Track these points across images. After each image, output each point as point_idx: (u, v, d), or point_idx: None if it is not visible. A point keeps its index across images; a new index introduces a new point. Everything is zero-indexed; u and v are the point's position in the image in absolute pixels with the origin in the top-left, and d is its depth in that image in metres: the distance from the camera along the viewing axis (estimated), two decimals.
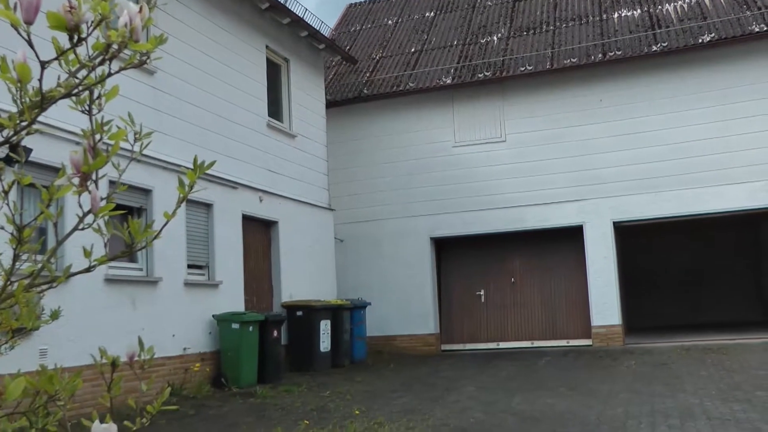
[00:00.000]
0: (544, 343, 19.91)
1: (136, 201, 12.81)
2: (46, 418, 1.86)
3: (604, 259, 19.11)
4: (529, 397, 11.74)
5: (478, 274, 20.98)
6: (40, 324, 2.38)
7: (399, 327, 20.53)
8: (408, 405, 11.52)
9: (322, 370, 16.49)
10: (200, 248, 14.60)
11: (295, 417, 10.74)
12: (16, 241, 1.84)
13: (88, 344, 10.70)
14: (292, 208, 18.03)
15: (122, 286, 12.26)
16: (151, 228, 1.89)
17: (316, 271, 19.09)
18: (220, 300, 14.77)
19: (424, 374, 15.71)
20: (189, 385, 13.30)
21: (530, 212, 19.78)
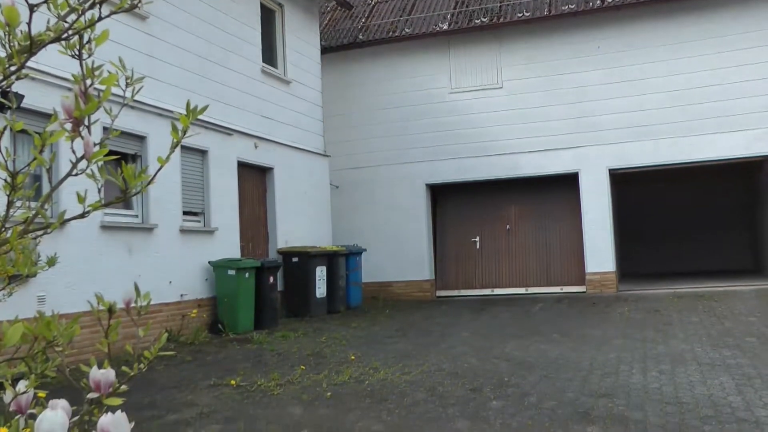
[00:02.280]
0: (539, 290, 20.03)
1: (131, 147, 12.76)
2: (44, 364, 1.87)
3: (599, 207, 19.15)
4: (523, 343, 11.85)
5: (474, 220, 21.02)
6: (37, 270, 2.38)
7: (394, 273, 20.63)
8: (403, 350, 11.62)
9: (318, 316, 16.60)
10: (196, 195, 14.58)
11: (292, 362, 10.83)
12: (9, 187, 1.83)
13: (85, 291, 10.75)
14: (288, 155, 17.99)
15: (118, 233, 12.26)
16: (146, 173, 1.89)
17: (312, 217, 19.11)
18: (216, 247, 14.80)
19: (419, 320, 15.82)
20: (186, 331, 13.39)
21: (526, 159, 19.76)
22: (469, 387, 8.60)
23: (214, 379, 9.62)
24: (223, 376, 9.77)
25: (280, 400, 8.31)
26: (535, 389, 8.30)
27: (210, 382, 9.47)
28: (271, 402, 8.25)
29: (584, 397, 7.77)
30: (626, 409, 7.20)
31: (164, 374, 10.13)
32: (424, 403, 7.89)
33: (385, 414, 7.50)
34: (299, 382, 9.33)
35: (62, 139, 1.76)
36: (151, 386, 9.13)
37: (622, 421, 6.71)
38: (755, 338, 11.18)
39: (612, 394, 7.84)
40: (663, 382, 8.36)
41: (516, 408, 7.46)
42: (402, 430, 6.82)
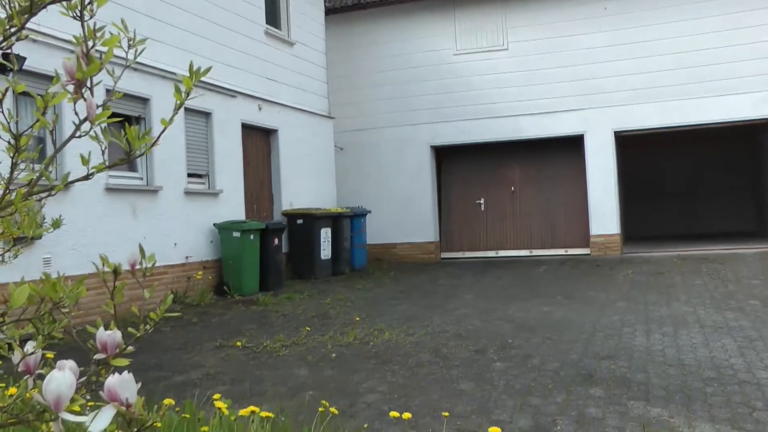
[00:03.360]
0: (543, 252, 20.05)
1: (134, 110, 12.73)
2: (51, 325, 1.89)
3: (604, 169, 19.09)
4: (527, 305, 11.89)
5: (478, 182, 21.00)
6: (42, 233, 2.38)
7: (399, 235, 20.66)
8: (407, 312, 11.68)
9: (323, 278, 16.66)
10: (200, 157, 14.58)
11: (297, 324, 10.89)
12: (13, 149, 1.83)
13: (90, 253, 10.80)
14: (292, 117, 17.94)
15: (123, 195, 12.28)
16: (149, 135, 1.88)
17: (317, 179, 19.11)
18: (220, 209, 14.82)
19: (424, 282, 15.87)
20: (192, 293, 13.45)
21: (531, 121, 19.67)
22: (473, 348, 8.65)
23: (220, 341, 9.69)
24: (228, 338, 9.84)
25: (286, 362, 8.37)
26: (538, 351, 8.35)
27: (216, 344, 9.53)
28: (277, 363, 8.31)
29: (587, 359, 7.81)
30: (629, 371, 7.24)
31: (170, 336, 10.19)
32: (428, 365, 7.94)
33: (390, 375, 7.55)
34: (304, 343, 9.38)
35: (65, 101, 1.76)
36: (158, 348, 9.20)
37: (624, 383, 6.76)
38: (758, 301, 11.21)
39: (615, 356, 7.88)
40: (666, 345, 8.39)
41: (519, 370, 7.51)
42: (407, 391, 6.87)
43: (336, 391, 6.94)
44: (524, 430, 5.52)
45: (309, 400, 6.45)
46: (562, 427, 5.56)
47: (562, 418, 5.76)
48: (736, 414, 5.73)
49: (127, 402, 1.58)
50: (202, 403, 5.64)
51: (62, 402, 1.54)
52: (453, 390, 6.84)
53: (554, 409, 6.04)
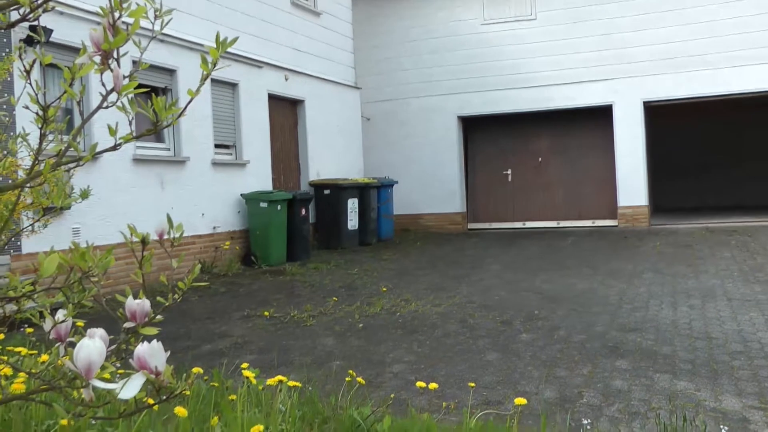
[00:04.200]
0: (570, 224, 19.96)
1: (161, 81, 12.77)
2: (81, 294, 1.91)
3: (633, 140, 18.91)
4: (553, 276, 11.86)
5: (506, 153, 20.90)
6: (71, 203, 2.41)
7: (426, 205, 20.63)
8: (434, 283, 11.69)
9: (350, 248, 16.70)
10: (227, 128, 14.61)
11: (324, 294, 10.94)
12: (41, 120, 1.85)
13: (118, 223, 10.89)
14: (318, 87, 17.92)
15: (150, 166, 12.35)
16: (176, 106, 1.89)
17: (343, 149, 19.10)
18: (248, 179, 14.87)
19: (450, 252, 15.87)
20: (219, 263, 13.55)
21: (559, 91, 19.50)
22: (499, 319, 8.66)
23: (248, 310, 9.76)
24: (256, 308, 9.91)
25: (313, 331, 8.42)
26: (564, 323, 8.34)
27: (243, 313, 9.60)
28: (304, 333, 8.36)
29: (613, 332, 7.79)
30: (655, 343, 7.21)
31: (198, 305, 10.28)
32: (454, 335, 7.96)
33: (416, 345, 7.58)
34: (331, 313, 9.43)
35: (92, 73, 1.77)
36: (186, 317, 9.29)
37: (651, 356, 6.73)
38: None
39: (641, 329, 7.85)
40: (693, 317, 8.35)
41: (545, 341, 7.51)
42: (433, 362, 6.89)
43: (363, 361, 6.98)
44: (550, 401, 5.53)
45: (336, 370, 6.50)
46: (588, 399, 5.56)
47: (588, 390, 5.76)
48: (764, 388, 5.71)
49: (157, 370, 1.60)
50: (230, 372, 5.69)
51: (93, 369, 1.57)
52: (479, 361, 6.86)
53: (580, 381, 6.04)
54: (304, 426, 4.07)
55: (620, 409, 5.29)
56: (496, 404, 5.47)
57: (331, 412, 4.42)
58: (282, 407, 3.84)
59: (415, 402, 5.42)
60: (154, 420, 3.58)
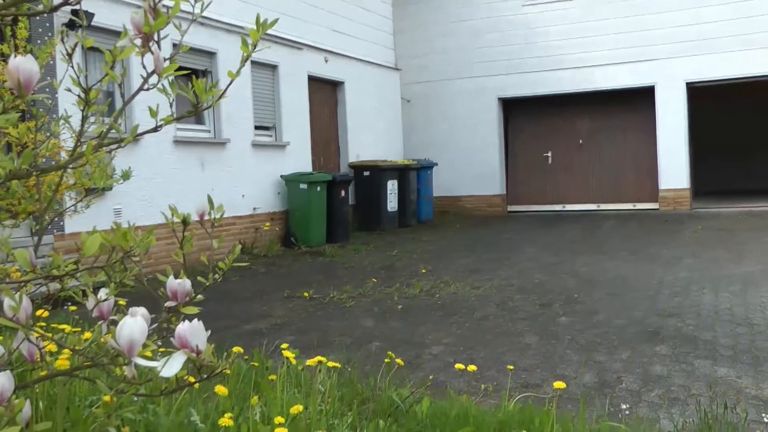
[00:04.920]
0: (609, 207, 19.78)
1: (201, 64, 12.85)
2: (123, 273, 1.94)
3: (675, 121, 18.63)
4: (592, 259, 11.78)
5: (546, 135, 20.73)
6: (112, 184, 2.44)
7: (465, 188, 20.56)
8: (473, 265, 11.68)
9: (389, 230, 16.72)
10: (267, 109, 14.68)
11: (363, 275, 10.98)
12: (83, 102, 1.87)
13: (159, 204, 11.00)
14: (358, 68, 17.91)
15: (191, 148, 12.45)
16: (216, 88, 1.91)
17: (383, 131, 19.10)
18: (287, 161, 14.93)
19: (489, 235, 15.83)
20: (259, 244, 13.64)
21: (601, 72, 19.26)
22: (537, 302, 8.63)
23: (288, 291, 9.82)
24: (296, 288, 9.96)
25: (352, 313, 8.45)
26: (603, 307, 8.28)
27: (283, 294, 9.67)
28: (344, 314, 8.40)
29: (653, 316, 7.72)
30: (695, 329, 7.13)
31: (238, 286, 10.36)
32: (493, 318, 7.95)
33: (455, 327, 7.58)
34: (371, 294, 9.46)
35: (133, 56, 1.79)
36: (227, 297, 9.37)
37: (691, 341, 6.67)
38: None
39: (681, 314, 7.77)
40: (734, 303, 8.24)
41: (584, 325, 7.47)
42: (472, 344, 6.89)
43: (402, 342, 7.00)
44: (589, 386, 5.50)
45: (375, 351, 6.53)
46: (627, 384, 5.53)
47: (627, 376, 5.72)
48: None
49: (198, 349, 1.63)
50: (270, 352, 5.74)
51: (135, 347, 1.59)
52: (518, 343, 6.85)
53: (619, 366, 6.01)
54: (343, 407, 4.10)
55: (660, 395, 5.25)
56: (534, 387, 5.46)
57: (370, 393, 4.44)
58: (321, 388, 3.87)
59: (453, 384, 5.43)
60: (194, 398, 3.62)
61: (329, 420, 3.59)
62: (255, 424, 3.17)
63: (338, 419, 3.65)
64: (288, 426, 2.99)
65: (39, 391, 3.11)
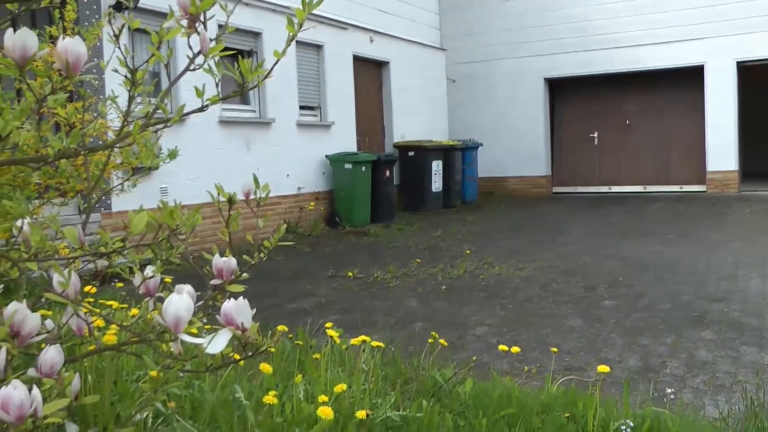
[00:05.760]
0: (656, 188, 19.53)
1: (246, 44, 12.90)
2: (169, 251, 1.96)
3: (724, 102, 18.27)
4: (638, 242, 11.67)
5: (592, 116, 20.51)
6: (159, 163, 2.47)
7: (510, 168, 20.44)
8: (517, 246, 11.63)
9: (434, 211, 16.70)
10: (312, 90, 14.70)
11: (407, 255, 10.99)
12: (130, 83, 1.89)
13: (205, 183, 11.08)
14: (404, 48, 17.86)
15: (236, 128, 12.52)
16: (262, 68, 1.91)
17: (428, 111, 19.04)
18: (332, 141, 14.96)
19: (534, 216, 15.75)
20: (304, 223, 13.71)
21: (649, 52, 18.95)
22: (582, 285, 8.58)
23: (332, 271, 9.87)
24: (340, 268, 10.01)
25: (396, 293, 8.48)
26: (648, 290, 8.21)
27: (328, 273, 9.72)
28: (387, 294, 8.43)
29: (699, 301, 7.63)
30: (742, 314, 7.04)
31: (283, 265, 10.44)
32: (537, 300, 7.93)
33: (499, 309, 7.57)
34: (415, 275, 9.48)
35: (179, 36, 1.80)
36: (271, 276, 9.44)
37: (737, 327, 6.58)
38: None
39: (728, 299, 7.67)
40: None
41: (629, 308, 7.41)
42: (515, 325, 6.88)
43: (445, 322, 7.01)
44: (633, 370, 5.47)
45: (418, 331, 6.54)
46: (672, 369, 5.48)
47: (672, 360, 5.67)
48: None
49: (243, 327, 1.64)
50: (314, 331, 5.78)
51: (181, 324, 1.62)
52: (562, 326, 6.82)
53: (664, 350, 5.95)
54: (387, 386, 4.12)
55: (705, 381, 5.20)
56: (578, 370, 5.43)
57: (413, 373, 4.45)
58: (365, 367, 3.89)
59: (496, 365, 5.43)
60: (239, 375, 3.66)
61: (372, 399, 3.61)
62: (299, 403, 3.20)
63: (381, 398, 3.67)
64: (331, 404, 3.01)
65: (87, 365, 3.17)
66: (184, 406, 3.16)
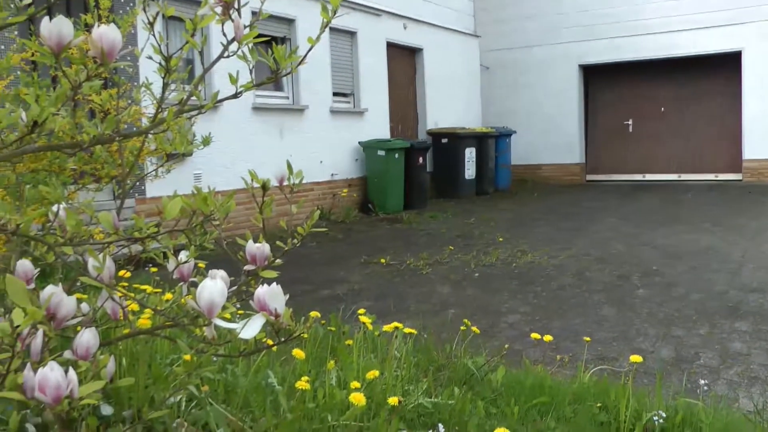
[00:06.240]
0: (691, 177, 19.33)
1: (280, 31, 12.92)
2: (203, 237, 1.98)
3: (762, 89, 17.97)
4: (672, 231, 11.55)
5: (627, 103, 20.32)
6: (193, 149, 2.48)
7: (544, 156, 20.33)
8: (550, 234, 11.58)
9: (467, 198, 16.66)
10: (345, 76, 14.70)
11: (440, 243, 10.98)
12: (164, 70, 1.90)
13: (238, 170, 11.15)
14: (437, 35, 17.79)
15: (269, 115, 12.56)
16: (295, 54, 1.92)
17: (462, 98, 18.97)
18: (365, 127, 14.96)
19: (567, 204, 15.65)
20: (337, 210, 13.74)
21: (685, 38, 18.69)
22: (615, 274, 8.52)
23: (365, 257, 9.89)
24: (373, 254, 10.02)
25: (429, 279, 8.48)
26: (682, 280, 8.13)
27: (360, 260, 9.74)
28: (420, 281, 8.43)
29: (734, 291, 7.55)
30: None
31: (316, 251, 10.47)
32: (570, 288, 7.89)
33: (532, 297, 7.55)
34: (447, 262, 9.47)
35: (213, 23, 1.81)
36: (304, 262, 9.48)
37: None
38: None
39: (764, 289, 7.58)
40: None
41: (662, 298, 7.35)
42: (548, 314, 6.86)
43: (478, 310, 7.00)
44: (666, 360, 5.43)
45: (451, 318, 6.53)
46: (705, 360, 5.43)
47: (705, 351, 5.62)
48: None
49: (276, 312, 1.65)
50: (347, 318, 5.80)
51: (215, 309, 1.63)
52: (594, 315, 6.79)
53: (697, 341, 5.90)
54: (419, 373, 4.12)
55: (739, 373, 5.15)
56: (611, 360, 5.41)
57: (445, 360, 4.46)
58: (397, 354, 3.90)
59: (529, 353, 5.41)
60: (272, 360, 3.69)
61: (404, 386, 3.61)
62: (331, 389, 3.22)
63: (413, 385, 3.67)
64: (364, 391, 3.02)
65: (122, 348, 3.21)
66: (217, 390, 3.19)
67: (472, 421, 3.36)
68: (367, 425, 3.06)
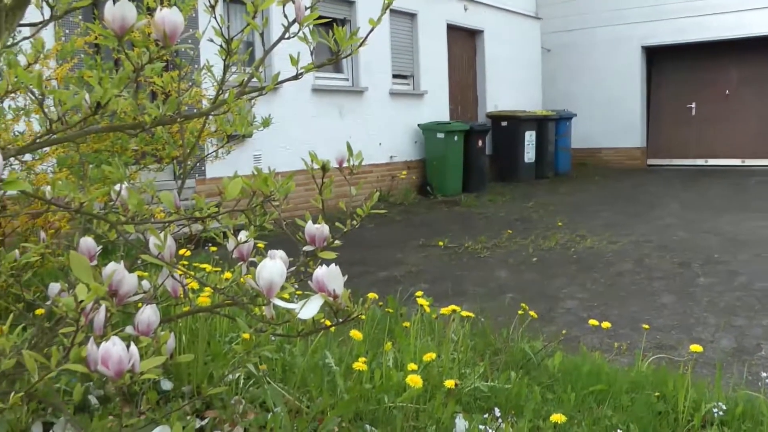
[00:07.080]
0: (756, 162, 18.86)
1: (340, 12, 12.92)
2: (262, 217, 2.00)
3: None
4: (736, 218, 11.32)
5: (690, 85, 19.89)
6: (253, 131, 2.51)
7: (604, 140, 20.05)
8: (610, 219, 11.44)
9: (526, 181, 16.54)
10: (405, 58, 14.67)
11: (499, 226, 10.93)
12: (225, 52, 1.92)
13: (298, 151, 11.17)
14: (498, 17, 17.64)
15: (329, 96, 12.60)
16: (356, 36, 1.92)
17: (522, 81, 18.81)
18: (424, 109, 14.93)
19: (628, 189, 15.45)
20: (395, 192, 13.75)
21: (754, 17, 18.13)
22: (676, 261, 8.39)
23: (423, 240, 9.89)
24: (431, 237, 10.02)
25: (487, 263, 8.45)
26: (746, 268, 7.96)
27: (418, 242, 9.74)
28: (478, 264, 8.41)
29: None
30: None
31: (374, 233, 10.50)
32: (629, 275, 7.80)
33: (590, 283, 7.48)
34: (505, 246, 9.43)
35: (273, 6, 1.81)
36: (363, 244, 9.51)
37: None
38: None
39: None
40: None
41: (724, 287, 7.22)
42: (606, 300, 6.79)
43: (536, 294, 6.96)
44: (726, 351, 5.33)
45: (508, 303, 6.51)
46: (767, 352, 5.33)
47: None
48: None
49: (334, 293, 1.66)
50: (404, 300, 5.81)
51: (274, 289, 1.64)
52: (653, 303, 6.70)
53: (759, 331, 5.78)
54: (476, 356, 4.13)
55: None
56: (669, 349, 5.34)
57: (502, 344, 4.45)
58: (454, 337, 3.90)
59: (586, 340, 5.38)
60: (330, 341, 3.72)
61: (461, 369, 3.62)
62: (388, 370, 3.23)
63: (470, 368, 3.67)
64: (420, 373, 3.03)
65: (182, 325, 3.27)
66: (275, 369, 3.23)
67: (528, 406, 3.35)
68: (424, 407, 3.07)
